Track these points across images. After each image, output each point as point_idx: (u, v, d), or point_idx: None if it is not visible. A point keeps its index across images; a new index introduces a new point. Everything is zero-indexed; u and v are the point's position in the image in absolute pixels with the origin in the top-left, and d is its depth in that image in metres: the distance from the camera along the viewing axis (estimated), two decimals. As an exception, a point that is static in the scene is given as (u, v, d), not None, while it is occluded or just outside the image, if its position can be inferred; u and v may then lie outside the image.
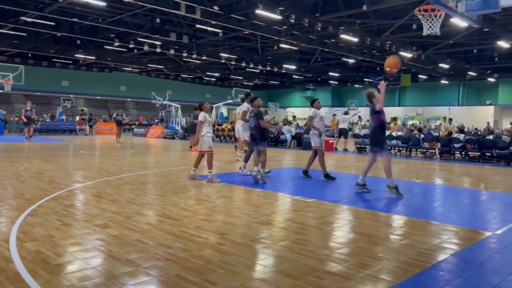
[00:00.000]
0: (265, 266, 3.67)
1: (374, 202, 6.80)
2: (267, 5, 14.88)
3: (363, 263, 3.76)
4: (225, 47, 25.59)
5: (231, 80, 45.23)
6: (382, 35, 19.68)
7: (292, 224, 5.09)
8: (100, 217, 5.18)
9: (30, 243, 4.09)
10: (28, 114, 18.47)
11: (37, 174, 8.76)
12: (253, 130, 8.43)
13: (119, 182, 8.01)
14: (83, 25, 21.34)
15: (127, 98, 40.76)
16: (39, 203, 5.89)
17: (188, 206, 5.99)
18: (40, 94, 34.98)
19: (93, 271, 3.43)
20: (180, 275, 3.37)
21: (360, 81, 41.11)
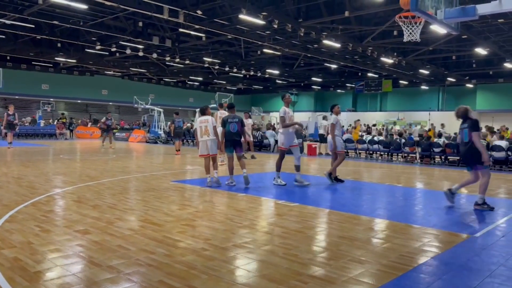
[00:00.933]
0: (249, 271, 3.66)
1: (356, 206, 6.86)
2: (251, 10, 14.95)
3: (346, 266, 3.79)
4: (209, 51, 25.55)
5: (214, 85, 45.16)
6: (364, 41, 19.97)
7: (276, 229, 5.10)
8: (80, 223, 5.09)
9: (7, 250, 3.99)
10: (10, 118, 17.42)
11: (15, 179, 8.56)
12: (236, 136, 8.53)
13: (100, 187, 7.89)
14: (63, 28, 21.01)
15: (109, 102, 40.24)
16: (17, 209, 5.75)
17: (170, 211, 5.94)
18: (19, 98, 34.22)
19: (74, 278, 3.37)
20: (163, 281, 3.34)
21: (343, 86, 41.62)
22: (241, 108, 44.09)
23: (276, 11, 16.00)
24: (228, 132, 8.54)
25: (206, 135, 8.43)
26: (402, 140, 16.23)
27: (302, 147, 18.85)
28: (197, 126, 8.57)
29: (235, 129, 8.51)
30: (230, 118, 8.65)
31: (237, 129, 8.51)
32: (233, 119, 8.62)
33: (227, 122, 8.59)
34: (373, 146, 16.73)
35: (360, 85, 36.57)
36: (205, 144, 8.43)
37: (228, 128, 8.54)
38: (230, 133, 8.54)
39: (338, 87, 42.17)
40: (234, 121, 8.57)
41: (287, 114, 8.63)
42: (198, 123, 8.61)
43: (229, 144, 8.61)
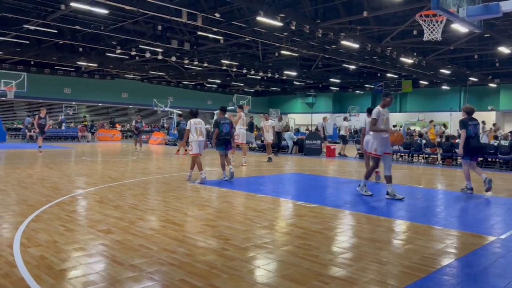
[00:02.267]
0: (269, 271, 3.67)
1: (377, 208, 6.79)
2: (268, 12, 14.97)
3: (367, 267, 3.75)
4: (226, 54, 25.71)
5: (232, 87, 45.37)
6: (382, 41, 19.75)
7: (295, 229, 5.09)
8: (103, 222, 5.19)
9: (34, 248, 4.09)
10: (41, 122, 16.81)
11: (40, 180, 8.78)
12: (227, 136, 9.49)
13: (121, 188, 8.02)
14: (85, 32, 21.47)
15: (129, 105, 40.88)
16: (42, 209, 5.90)
17: (190, 211, 6.00)
18: (43, 102, 35.08)
19: (97, 276, 3.43)
20: (185, 279, 3.37)
21: (361, 87, 41.22)
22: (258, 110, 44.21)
23: (294, 12, 15.98)
24: (220, 133, 9.40)
25: (201, 136, 9.07)
26: (422, 141, 15.97)
27: (321, 148, 18.77)
28: (192, 127, 9.05)
29: (226, 130, 9.45)
30: (222, 120, 9.53)
31: (228, 129, 9.47)
32: (224, 120, 9.53)
33: (220, 123, 9.46)
34: (393, 147, 16.50)
35: (379, 85, 36.14)
36: (199, 144, 9.05)
37: (221, 129, 9.41)
38: (222, 133, 9.42)
39: (356, 88, 41.81)
40: (225, 123, 9.50)
41: (382, 116, 7.61)
42: (192, 124, 9.09)
43: (222, 143, 9.48)
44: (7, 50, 25.59)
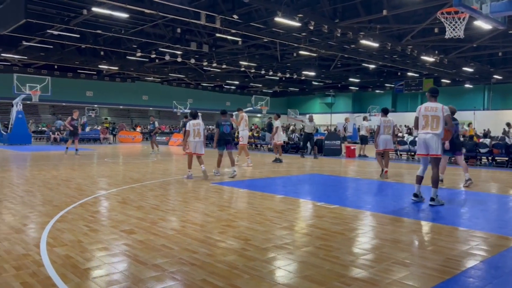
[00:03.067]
0: (290, 271, 3.66)
1: (398, 208, 6.69)
2: (286, 13, 14.96)
3: (389, 269, 3.71)
4: (245, 55, 25.80)
5: (250, 88, 45.50)
6: (403, 40, 19.48)
7: (316, 230, 5.06)
8: (126, 223, 5.28)
9: (59, 248, 4.19)
10: (74, 123, 16.78)
11: (64, 181, 8.99)
12: (227, 136, 10.25)
13: (143, 189, 8.15)
14: (106, 36, 21.91)
15: (149, 107, 41.46)
16: (67, 209, 6.04)
17: (211, 212, 6.04)
18: (66, 105, 35.95)
19: (121, 275, 3.50)
20: (206, 279, 3.40)
21: (381, 87, 40.75)
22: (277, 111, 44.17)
23: (312, 12, 15.93)
24: (222, 133, 10.16)
25: (198, 137, 9.65)
26: (445, 141, 15.64)
27: (340, 149, 18.62)
28: (190, 128, 9.64)
29: (227, 131, 10.22)
30: (223, 122, 10.25)
31: (229, 130, 10.25)
32: (225, 122, 10.27)
33: (221, 124, 10.20)
34: (414, 147, 16.24)
35: (400, 85, 35.64)
36: (195, 144, 9.66)
37: (222, 129, 10.16)
38: (223, 133, 10.18)
39: (376, 87, 41.35)
40: (226, 124, 10.24)
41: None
42: (191, 126, 9.66)
43: (223, 143, 10.23)
44: (32, 55, 26.32)
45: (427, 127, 6.77)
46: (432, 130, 6.72)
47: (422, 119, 6.81)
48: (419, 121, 6.88)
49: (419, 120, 6.88)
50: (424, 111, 6.81)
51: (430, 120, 6.75)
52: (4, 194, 7.33)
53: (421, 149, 6.90)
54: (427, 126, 6.77)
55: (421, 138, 6.86)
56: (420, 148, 6.90)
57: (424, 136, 6.79)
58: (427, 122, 6.77)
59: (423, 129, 6.80)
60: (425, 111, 6.81)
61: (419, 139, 6.94)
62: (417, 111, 6.95)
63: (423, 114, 6.81)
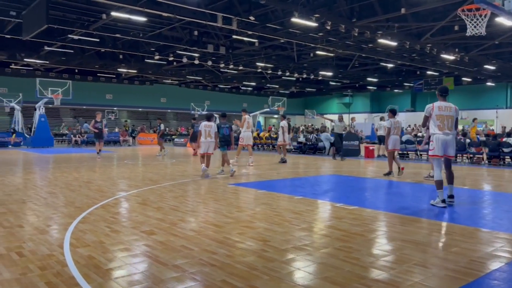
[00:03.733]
0: (309, 273, 3.65)
1: (418, 209, 6.59)
2: (303, 13, 14.91)
3: (411, 271, 3.65)
4: (261, 56, 25.82)
5: (267, 89, 45.50)
6: (422, 38, 19.17)
7: (335, 231, 5.03)
8: (146, 224, 5.35)
9: (82, 248, 4.28)
10: (98, 125, 16.66)
11: (85, 183, 9.16)
12: (227, 138, 11.16)
13: (162, 190, 8.24)
14: (125, 40, 22.24)
15: (168, 109, 41.89)
16: (89, 210, 6.16)
17: (229, 213, 6.07)
18: (87, 108, 36.65)
19: (142, 275, 3.55)
20: (226, 280, 3.42)
21: (400, 86, 40.18)
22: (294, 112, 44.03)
23: (329, 12, 15.83)
24: (222, 135, 11.10)
25: (209, 137, 10.38)
26: (466, 140, 15.35)
27: (359, 149, 18.45)
28: (202, 129, 10.41)
29: (227, 133, 11.17)
30: (223, 124, 11.31)
31: (228, 132, 11.20)
32: (225, 125, 11.31)
33: (221, 127, 11.15)
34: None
35: (419, 84, 35.09)
36: (207, 145, 10.38)
37: (222, 132, 11.10)
38: (223, 135, 11.13)
39: (395, 86, 40.79)
40: (225, 127, 11.25)
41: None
42: (203, 127, 10.43)
43: (224, 144, 11.17)
44: (53, 60, 26.92)
45: (444, 127, 6.56)
46: (450, 130, 6.57)
47: (437, 119, 6.59)
48: (433, 121, 6.64)
49: (432, 119, 6.64)
50: (438, 110, 6.60)
51: (445, 120, 6.56)
52: (29, 195, 7.51)
53: (439, 150, 6.59)
54: (444, 127, 6.55)
55: (440, 139, 6.56)
56: (438, 149, 6.59)
57: (444, 137, 6.56)
58: (443, 122, 6.56)
59: (441, 129, 6.55)
60: (439, 111, 6.59)
61: (437, 139, 6.58)
62: (429, 110, 6.71)
63: (437, 113, 6.60)
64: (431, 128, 6.68)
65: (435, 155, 6.67)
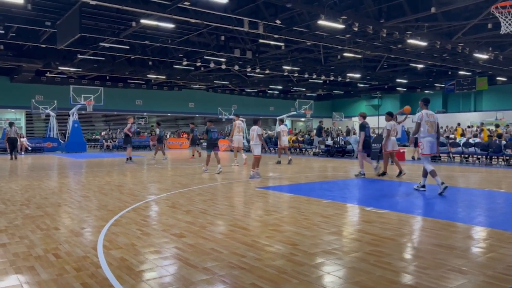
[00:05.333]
0: (339, 277, 3.61)
1: (452, 213, 6.40)
2: (329, 15, 14.82)
3: (445, 276, 3.55)
4: (288, 59, 25.80)
5: (294, 92, 45.36)
6: (453, 37, 18.66)
7: (365, 235, 4.95)
8: (176, 226, 5.43)
9: (115, 250, 4.39)
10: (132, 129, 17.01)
11: (117, 187, 9.40)
12: (215, 141, 12.61)
13: (191, 193, 8.34)
14: (154, 47, 22.74)
15: (196, 114, 42.41)
16: (120, 213, 6.31)
17: (258, 216, 6.08)
18: (117, 113, 37.61)
19: (173, 278, 3.60)
20: (255, 283, 3.42)
21: (431, 87, 39.20)
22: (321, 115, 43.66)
23: (356, 13, 15.67)
24: (209, 138, 12.33)
25: (252, 140, 11.32)
26: (502, 142, 14.79)
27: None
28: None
29: (214, 136, 12.44)
30: (211, 129, 12.35)
31: (216, 136, 12.52)
32: (213, 129, 12.40)
33: (209, 131, 12.28)
34: (468, 149, 15.48)
35: (451, 84, 34.14)
36: (252, 147, 11.27)
37: (210, 135, 12.25)
38: (211, 138, 12.34)
39: (425, 87, 39.82)
40: (214, 131, 12.40)
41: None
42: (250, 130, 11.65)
43: (211, 146, 12.46)
44: (86, 67, 27.82)
45: (432, 131, 8.03)
46: (435, 133, 8.09)
47: (426, 124, 8.00)
48: (422, 127, 8.01)
49: (422, 125, 8.00)
50: (426, 117, 8.04)
51: (432, 125, 8.04)
52: (64, 199, 7.78)
53: (428, 150, 8.07)
54: (432, 130, 8.02)
55: (429, 141, 8.02)
56: (428, 149, 8.06)
57: (432, 139, 8.04)
58: (431, 126, 8.01)
59: (429, 132, 7.99)
60: (427, 118, 8.04)
61: (428, 141, 8.02)
62: (419, 117, 8.05)
63: (426, 120, 8.03)
64: (422, 132, 8.04)
65: (426, 154, 8.15)
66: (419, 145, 8.39)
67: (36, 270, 3.77)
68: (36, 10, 16.44)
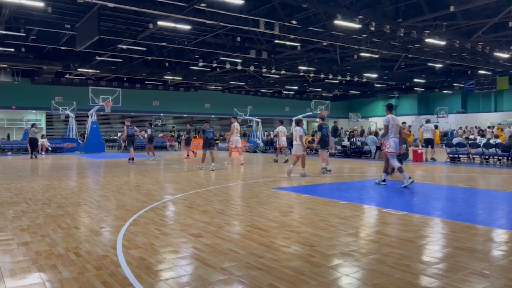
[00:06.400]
0: (358, 279, 3.58)
1: (473, 215, 6.28)
2: (346, 15, 14.72)
3: (466, 279, 3.49)
4: (304, 60, 25.73)
5: (309, 93, 45.19)
6: (472, 36, 18.33)
7: (383, 237, 4.90)
8: (193, 226, 5.47)
9: (134, 250, 4.45)
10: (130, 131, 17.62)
11: (135, 187, 9.51)
12: (211, 141, 13.76)
13: (208, 194, 8.39)
14: (170, 48, 22.96)
15: (211, 115, 42.65)
16: (139, 213, 6.39)
17: (274, 217, 6.08)
18: (135, 114, 38.09)
19: (191, 277, 3.63)
20: (273, 284, 3.42)
21: (449, 87, 38.57)
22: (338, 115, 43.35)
23: (373, 13, 15.53)
24: (206, 138, 13.47)
25: (294, 140, 11.71)
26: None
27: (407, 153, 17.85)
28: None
29: (210, 136, 13.57)
30: (207, 129, 13.55)
31: (211, 136, 13.67)
32: (209, 130, 13.59)
33: (206, 131, 13.47)
34: (489, 150, 15.17)
35: (470, 84, 33.51)
36: (295, 147, 11.66)
37: (206, 135, 13.45)
38: (207, 138, 13.51)
39: (444, 87, 39.20)
40: (210, 131, 13.59)
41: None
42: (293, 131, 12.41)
43: (207, 145, 13.61)
44: (104, 69, 28.26)
45: (397, 132, 9.45)
46: (398, 134, 9.43)
47: (392, 127, 9.37)
48: (389, 129, 9.36)
49: (389, 128, 9.37)
50: (393, 121, 9.45)
51: (396, 127, 9.43)
52: (83, 198, 7.91)
53: (394, 149, 9.36)
54: (396, 132, 9.43)
55: (395, 141, 9.37)
56: (394, 148, 9.35)
57: (397, 140, 9.39)
58: (396, 129, 9.44)
59: (395, 134, 9.39)
60: (393, 121, 9.46)
61: (393, 141, 9.35)
62: (387, 120, 9.42)
63: (392, 123, 9.42)
64: (389, 134, 9.37)
65: (392, 152, 9.37)
66: (385, 145, 9.48)
67: (58, 268, 3.85)
68: (56, 13, 16.78)
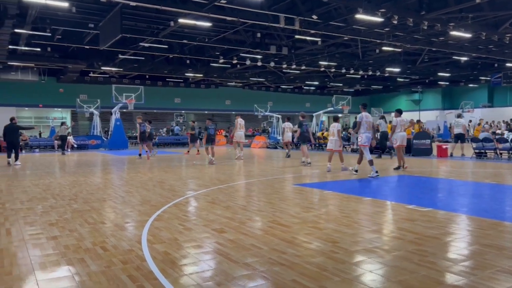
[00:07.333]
0: (382, 275, 3.55)
1: (500, 212, 6.12)
2: (367, 9, 14.48)
3: (494, 277, 3.42)
4: (324, 55, 25.47)
5: (330, 88, 44.74)
6: (500, 28, 17.77)
7: (407, 234, 4.84)
8: (216, 222, 5.52)
9: (158, 244, 4.53)
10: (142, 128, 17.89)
11: (159, 183, 9.66)
12: (213, 137, 14.93)
13: (230, 189, 8.45)
14: (191, 45, 23.10)
15: (232, 111, 42.75)
16: (163, 209, 6.49)
17: (296, 213, 6.07)
18: (157, 111, 38.58)
19: (214, 272, 3.67)
20: (296, 280, 3.43)
21: (475, 80, 37.51)
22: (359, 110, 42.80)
23: (395, 6, 15.22)
24: (208, 134, 14.62)
25: (332, 136, 12.16)
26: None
27: (431, 148, 17.52)
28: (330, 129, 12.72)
29: (212, 132, 14.76)
30: (210, 126, 14.69)
31: (213, 132, 14.92)
32: (211, 126, 14.71)
33: (208, 128, 14.56)
34: (504, 144, 14.73)
35: (497, 77, 32.52)
36: (332, 143, 12.09)
37: (209, 131, 14.57)
38: (210, 134, 14.68)
39: (469, 81, 38.14)
40: (212, 128, 14.74)
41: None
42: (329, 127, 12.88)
43: (209, 141, 14.77)
44: (126, 67, 28.69)
45: (370, 128, 10.51)
46: (371, 130, 10.56)
47: (365, 124, 10.39)
48: (362, 126, 10.40)
49: (362, 125, 10.40)
50: (366, 118, 10.43)
51: (370, 124, 10.47)
52: (108, 194, 8.09)
53: (367, 142, 10.40)
54: (369, 128, 10.49)
55: (367, 136, 10.39)
56: (367, 142, 10.38)
57: (369, 135, 10.41)
58: (369, 125, 10.47)
59: (368, 130, 10.43)
60: (366, 119, 10.44)
61: (366, 136, 10.39)
62: (360, 117, 10.46)
63: (366, 120, 10.43)
64: (362, 129, 10.41)
65: (365, 145, 10.39)
66: (361, 137, 10.45)
67: (86, 262, 3.96)
68: (80, 13, 17.11)
